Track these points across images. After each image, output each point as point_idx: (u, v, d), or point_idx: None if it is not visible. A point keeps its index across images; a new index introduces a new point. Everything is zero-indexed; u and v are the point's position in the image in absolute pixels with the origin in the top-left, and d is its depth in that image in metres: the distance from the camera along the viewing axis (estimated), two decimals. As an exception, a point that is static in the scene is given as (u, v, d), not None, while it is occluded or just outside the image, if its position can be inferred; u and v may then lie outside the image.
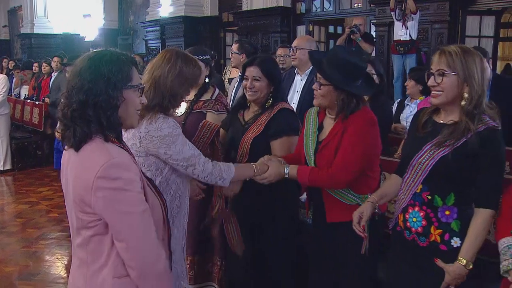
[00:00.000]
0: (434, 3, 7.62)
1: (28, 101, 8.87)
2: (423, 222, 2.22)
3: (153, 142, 2.43)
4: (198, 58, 3.36)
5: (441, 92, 2.16)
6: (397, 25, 7.06)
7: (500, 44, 10.85)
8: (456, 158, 2.10)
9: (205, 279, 3.44)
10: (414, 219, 2.25)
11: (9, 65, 10.53)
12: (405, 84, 5.04)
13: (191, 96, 3.40)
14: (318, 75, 2.58)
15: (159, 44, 12.64)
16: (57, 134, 5.51)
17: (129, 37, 14.48)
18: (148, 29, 13.07)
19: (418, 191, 2.23)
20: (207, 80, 3.40)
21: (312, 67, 3.99)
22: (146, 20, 13.16)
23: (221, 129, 3.07)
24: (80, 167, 1.68)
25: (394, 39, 7.24)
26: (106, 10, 15.10)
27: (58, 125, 1.91)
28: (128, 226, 1.68)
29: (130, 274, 1.73)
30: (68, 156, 1.77)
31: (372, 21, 8.87)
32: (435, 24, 7.65)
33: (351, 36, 7.13)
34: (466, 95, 2.11)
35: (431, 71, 2.19)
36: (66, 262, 4.57)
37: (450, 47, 2.17)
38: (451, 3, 7.52)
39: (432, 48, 7.59)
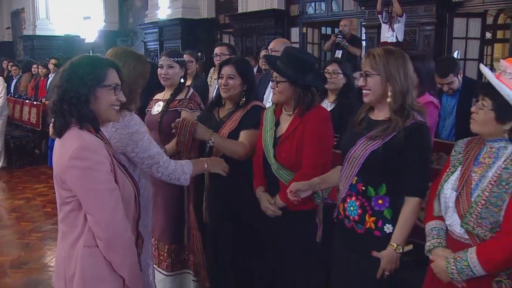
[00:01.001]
0: (421, 5, 7.81)
1: (27, 101, 9.08)
2: (359, 211, 2.42)
3: (121, 140, 2.53)
4: (173, 60, 3.60)
5: (369, 91, 2.38)
6: (384, 27, 7.24)
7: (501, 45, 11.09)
8: (385, 152, 2.29)
9: (181, 266, 3.63)
10: (352, 208, 2.44)
11: (8, 66, 10.73)
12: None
13: (167, 95, 3.63)
14: (274, 74, 2.80)
15: (158, 46, 12.88)
16: (50, 130, 5.71)
17: (128, 39, 14.69)
18: (147, 31, 13.30)
19: (353, 182, 2.42)
20: (182, 80, 3.62)
21: None
22: (145, 22, 13.39)
23: None
24: (60, 151, 2.00)
25: (380, 41, 7.41)
26: (106, 12, 15.32)
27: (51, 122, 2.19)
28: (96, 201, 1.95)
29: (98, 244, 1.98)
30: (56, 144, 2.09)
31: (362, 23, 9.05)
32: (423, 26, 7.85)
33: (339, 42, 7.32)
34: (390, 93, 2.31)
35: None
36: (55, 253, 4.77)
37: (375, 49, 2.39)
38: (438, 6, 7.72)
39: (420, 50, 7.81)
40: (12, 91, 10.16)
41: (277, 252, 2.90)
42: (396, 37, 7.09)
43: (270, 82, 4.41)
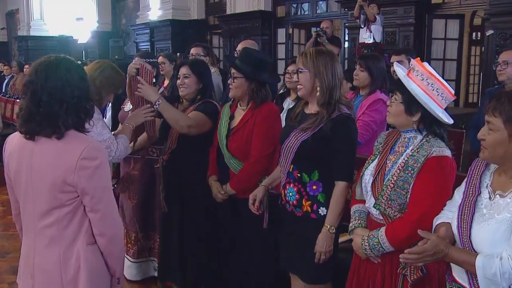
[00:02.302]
0: (400, 7, 8.03)
1: (18, 100, 9.30)
2: (297, 196, 2.66)
3: None
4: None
5: (301, 86, 2.64)
6: (362, 29, 7.46)
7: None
8: (314, 141, 2.55)
9: (147, 254, 3.86)
10: (291, 194, 2.69)
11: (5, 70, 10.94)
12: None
13: None
14: (232, 70, 3.06)
15: (149, 47, 13.10)
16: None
17: (120, 40, 14.92)
18: (138, 32, 13.54)
19: (290, 170, 2.68)
20: (154, 80, 3.88)
21: None
22: (137, 23, 13.62)
23: (157, 119, 3.48)
24: (61, 153, 1.96)
25: (359, 42, 7.63)
26: (99, 13, 15.55)
27: None
28: (104, 198, 2.03)
29: (99, 242, 2.07)
30: (27, 148, 2.01)
31: (345, 24, 9.28)
32: (402, 27, 8.07)
33: (318, 39, 7.53)
34: (318, 88, 2.56)
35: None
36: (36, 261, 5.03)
37: (308, 49, 2.66)
38: (416, 7, 7.94)
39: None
40: (4, 90, 10.38)
41: (227, 237, 3.16)
42: (374, 38, 7.30)
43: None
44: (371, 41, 7.29)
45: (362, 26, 7.37)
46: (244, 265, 3.10)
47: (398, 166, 2.19)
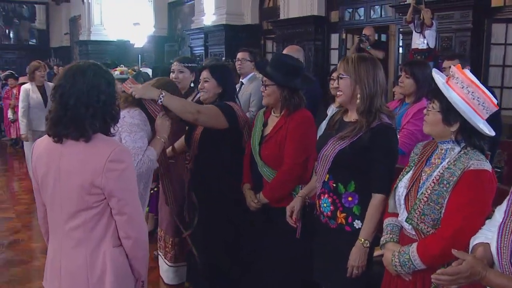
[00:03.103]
0: (457, 11, 7.72)
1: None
2: (331, 207, 2.56)
3: (122, 126, 2.81)
4: (183, 65, 3.86)
5: (341, 93, 2.53)
6: (415, 34, 7.22)
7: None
8: (352, 151, 2.44)
9: (184, 259, 3.85)
10: (325, 205, 2.59)
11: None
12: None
13: None
14: (264, 78, 3.00)
15: (203, 51, 13.24)
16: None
17: (175, 44, 15.16)
18: (193, 36, 13.68)
19: (326, 180, 2.58)
20: (192, 85, 3.87)
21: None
22: (192, 28, 13.79)
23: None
24: (89, 155, 2.00)
25: (412, 47, 7.40)
26: (156, 18, 15.86)
27: None
28: (132, 201, 2.07)
29: (124, 244, 2.09)
30: (56, 150, 2.05)
31: (399, 30, 9.04)
32: (459, 32, 7.76)
33: (361, 45, 7.39)
34: (358, 95, 2.45)
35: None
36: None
37: (350, 55, 2.56)
38: (474, 11, 7.62)
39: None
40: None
41: (258, 247, 3.11)
42: (427, 44, 7.06)
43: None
44: (424, 46, 7.06)
45: (417, 31, 7.15)
46: (270, 274, 3.04)
47: (433, 179, 2.07)
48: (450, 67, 4.29)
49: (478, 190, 1.97)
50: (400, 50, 8.97)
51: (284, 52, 4.65)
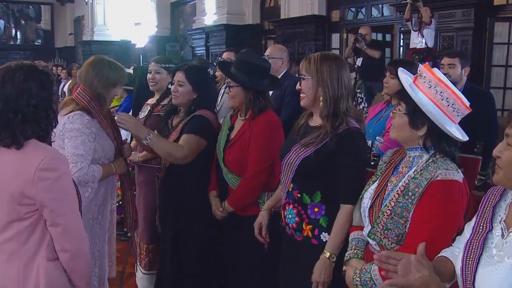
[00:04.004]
0: (459, 9, 7.50)
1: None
2: (297, 219, 2.37)
3: (63, 132, 2.72)
4: (160, 66, 3.68)
5: (303, 95, 2.33)
6: (413, 33, 7.02)
7: None
8: (317, 158, 2.24)
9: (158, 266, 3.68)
10: (290, 216, 2.40)
11: (58, 70, 11.25)
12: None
13: (153, 100, 3.72)
14: (228, 79, 2.81)
15: (204, 51, 13.08)
16: None
17: (176, 44, 15.00)
18: (194, 36, 13.52)
19: (290, 189, 2.38)
20: (169, 86, 3.69)
21: (281, 74, 4.20)
22: (193, 28, 13.65)
23: None
24: (15, 164, 1.87)
25: (410, 47, 7.20)
26: (159, 18, 15.71)
27: None
28: (65, 212, 1.92)
29: (61, 257, 1.96)
30: None
31: (400, 29, 8.83)
32: (460, 31, 7.53)
33: (356, 44, 7.19)
34: (321, 97, 2.25)
35: None
36: None
37: (313, 54, 2.35)
38: (476, 10, 7.39)
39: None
40: (60, 94, 10.61)
41: (228, 254, 2.95)
42: (426, 43, 6.85)
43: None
44: (423, 46, 6.84)
45: (415, 30, 6.94)
46: (239, 282, 2.89)
47: (397, 190, 1.87)
48: (448, 64, 4.15)
49: (446, 203, 1.77)
50: (401, 49, 8.74)
51: (268, 50, 4.46)
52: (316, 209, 2.31)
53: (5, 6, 20.98)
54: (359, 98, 5.05)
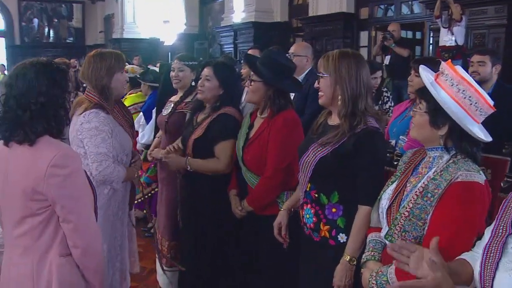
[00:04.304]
0: (491, 6, 7.31)
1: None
2: (314, 219, 2.32)
3: (82, 132, 2.72)
4: (183, 64, 3.67)
5: (322, 93, 2.28)
6: (443, 31, 6.87)
7: None
8: (334, 159, 2.19)
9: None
10: (308, 216, 2.36)
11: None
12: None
13: (177, 97, 3.71)
14: (251, 72, 2.76)
15: (233, 49, 13.08)
16: None
17: (205, 42, 15.04)
18: (223, 34, 13.55)
19: (307, 189, 2.34)
20: (193, 83, 3.68)
21: (306, 72, 4.15)
22: (221, 25, 13.66)
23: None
24: (28, 160, 1.89)
25: (439, 44, 7.04)
26: (188, 16, 15.78)
27: None
28: (76, 208, 1.93)
29: (73, 254, 1.97)
30: (4, 154, 1.95)
31: (430, 26, 8.67)
32: (492, 29, 7.34)
33: (385, 42, 7.07)
34: (339, 96, 2.20)
35: None
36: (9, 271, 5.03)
37: (332, 52, 2.29)
38: (509, 7, 7.19)
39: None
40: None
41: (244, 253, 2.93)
42: (455, 41, 6.69)
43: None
44: (452, 43, 6.69)
45: (445, 26, 6.78)
46: (256, 281, 2.86)
47: (416, 191, 1.81)
48: (477, 62, 4.04)
49: (466, 205, 1.71)
50: (431, 47, 8.58)
51: (292, 48, 4.41)
52: (333, 210, 2.27)
53: (40, 5, 21.34)
54: (385, 97, 4.95)
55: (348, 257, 2.19)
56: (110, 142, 2.75)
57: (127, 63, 7.38)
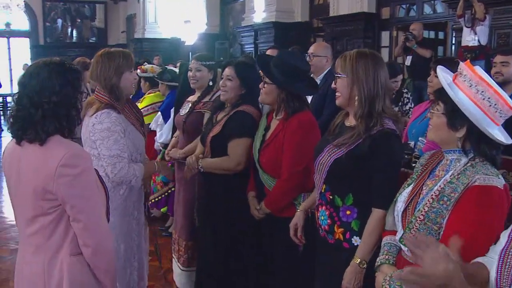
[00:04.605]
0: (515, 5, 7.19)
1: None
2: (329, 221, 2.30)
3: (94, 133, 2.72)
4: (201, 64, 3.65)
5: (339, 94, 2.25)
6: (465, 30, 6.76)
7: None
8: (349, 160, 2.16)
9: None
10: (323, 218, 2.34)
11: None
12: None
13: (195, 97, 3.71)
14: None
15: (253, 49, 13.07)
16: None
17: (226, 42, 15.04)
18: (243, 34, 13.55)
19: (322, 190, 2.32)
20: (210, 83, 3.67)
21: (325, 72, 4.11)
22: (242, 25, 13.66)
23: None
24: (42, 159, 1.90)
25: (462, 44, 6.92)
26: (209, 15, 15.82)
27: None
28: (86, 207, 1.94)
29: (84, 253, 1.98)
30: (16, 153, 1.97)
31: (453, 26, 8.54)
32: (517, 28, 7.21)
33: (407, 43, 6.97)
34: (356, 97, 2.17)
35: None
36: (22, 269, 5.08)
37: (349, 52, 2.27)
38: (535, 5, 7.05)
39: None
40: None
41: (260, 255, 2.92)
42: (479, 41, 6.57)
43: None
44: (475, 43, 6.57)
45: (468, 26, 6.67)
46: (279, 283, 2.83)
47: (432, 195, 1.77)
48: (500, 62, 3.95)
49: (483, 209, 1.66)
50: (453, 48, 8.46)
51: (312, 48, 4.38)
52: (348, 212, 2.24)
53: (63, 6, 21.61)
54: (405, 99, 4.89)
55: (358, 260, 2.16)
56: (123, 142, 2.75)
57: (146, 63, 7.44)
